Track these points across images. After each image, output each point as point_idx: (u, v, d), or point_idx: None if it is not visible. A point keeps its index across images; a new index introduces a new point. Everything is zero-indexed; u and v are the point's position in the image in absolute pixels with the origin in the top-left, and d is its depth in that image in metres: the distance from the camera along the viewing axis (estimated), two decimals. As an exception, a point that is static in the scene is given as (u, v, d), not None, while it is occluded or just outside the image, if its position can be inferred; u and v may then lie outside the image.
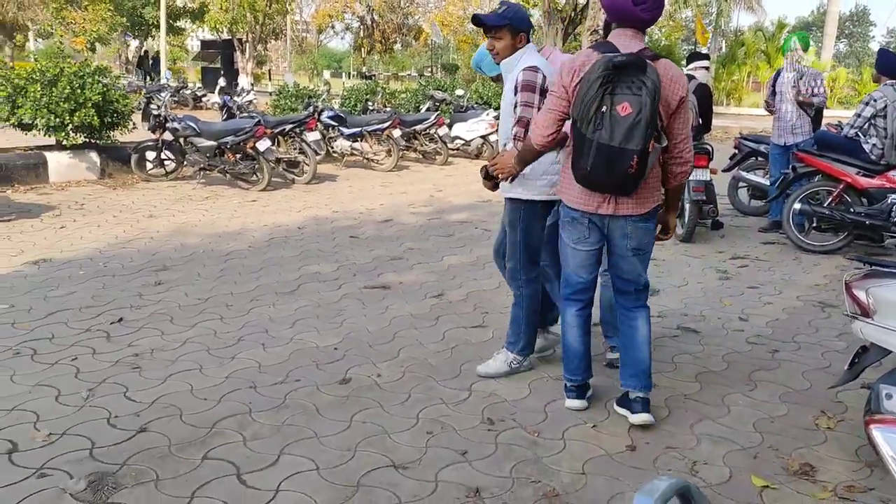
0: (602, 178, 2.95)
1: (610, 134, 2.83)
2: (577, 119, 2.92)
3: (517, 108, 3.38)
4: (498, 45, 3.50)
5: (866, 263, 3.31)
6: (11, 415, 3.25)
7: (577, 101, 2.92)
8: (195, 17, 35.02)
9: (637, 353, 3.29)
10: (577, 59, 3.02)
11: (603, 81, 2.83)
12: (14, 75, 9.34)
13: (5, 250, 6.09)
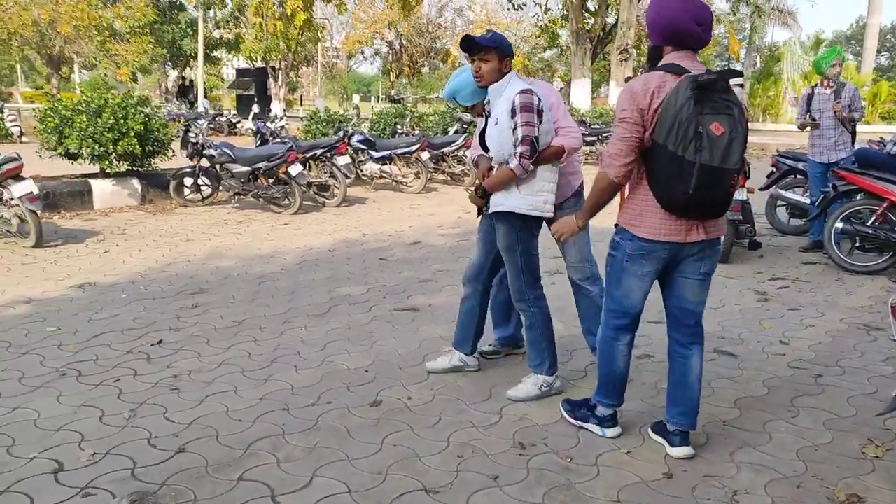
0: (706, 200, 2.82)
1: (710, 154, 2.72)
2: (666, 142, 2.77)
3: (518, 130, 3.41)
4: (485, 68, 3.54)
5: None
6: (58, 435, 3.37)
7: (664, 123, 2.77)
8: (231, 48, 35.84)
9: (690, 392, 3.18)
10: (651, 82, 2.84)
11: (695, 101, 2.73)
12: (61, 106, 9.67)
13: (53, 274, 6.29)
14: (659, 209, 2.91)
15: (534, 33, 30.32)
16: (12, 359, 4.31)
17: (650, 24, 2.96)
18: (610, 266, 3.15)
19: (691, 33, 2.89)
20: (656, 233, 2.95)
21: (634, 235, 2.99)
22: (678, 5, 2.87)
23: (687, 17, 2.86)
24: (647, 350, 4.54)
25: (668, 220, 2.92)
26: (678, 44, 2.93)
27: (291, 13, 22.44)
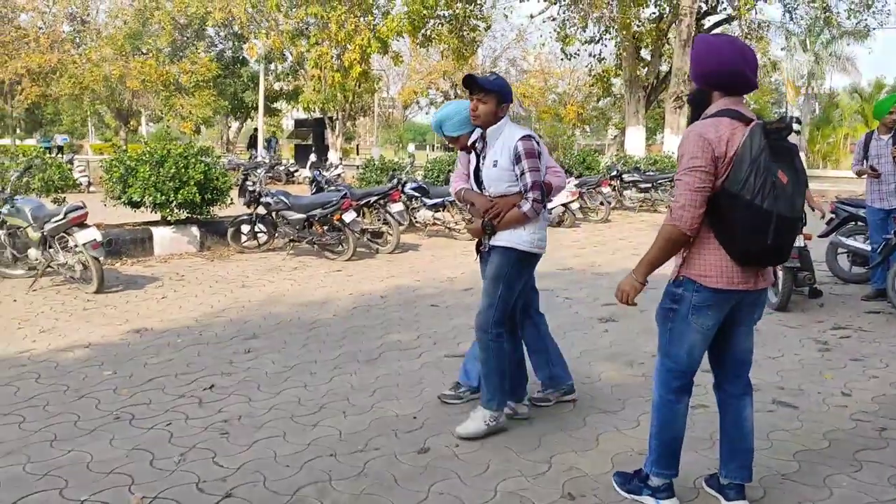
0: (780, 249, 2.78)
1: (785, 204, 2.69)
2: (742, 191, 2.68)
3: (527, 175, 3.60)
4: (482, 109, 3.66)
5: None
6: (109, 478, 3.41)
7: (740, 171, 2.69)
8: (290, 99, 36.93)
9: (746, 444, 3.09)
10: (721, 130, 2.76)
11: (769, 149, 2.69)
12: (126, 157, 10.06)
13: (112, 319, 6.46)
14: (727, 258, 2.82)
15: (587, 82, 30.48)
16: (69, 402, 4.41)
17: (699, 69, 2.90)
18: (670, 322, 2.98)
19: (746, 79, 2.85)
20: (729, 282, 2.84)
21: (703, 286, 2.86)
22: (733, 51, 2.83)
23: (742, 62, 2.82)
24: (701, 400, 4.40)
25: (738, 269, 2.83)
26: (729, 89, 2.87)
27: (349, 65, 23.05)
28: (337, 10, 22.57)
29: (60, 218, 7.52)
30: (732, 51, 2.83)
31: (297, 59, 26.34)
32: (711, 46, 2.88)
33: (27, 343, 5.70)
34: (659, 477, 3.10)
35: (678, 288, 2.94)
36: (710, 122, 2.80)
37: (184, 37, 33.36)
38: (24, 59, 27.92)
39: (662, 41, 23.39)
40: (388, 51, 24.45)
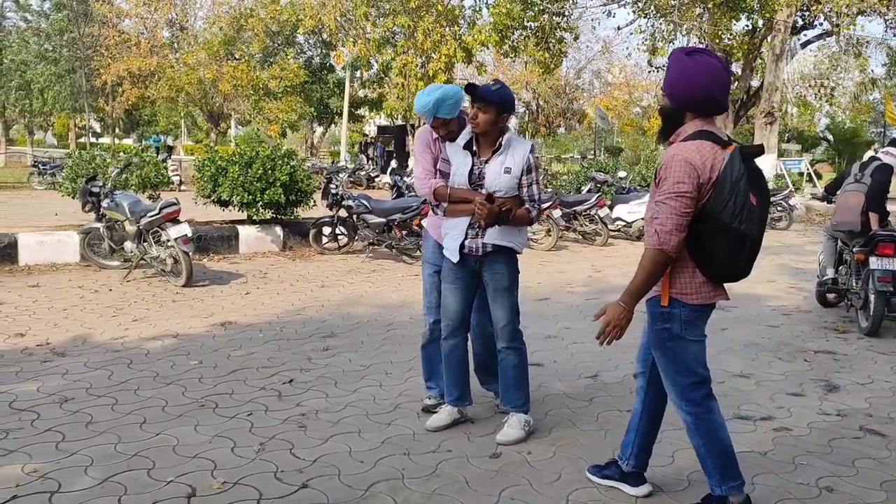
0: (748, 268, 2.94)
1: (755, 226, 2.82)
2: (721, 214, 2.76)
3: (534, 186, 3.82)
4: (482, 118, 3.71)
5: None
6: (193, 461, 3.56)
7: (722, 194, 2.76)
8: (373, 106, 37.49)
9: (656, 437, 3.35)
10: (705, 155, 2.79)
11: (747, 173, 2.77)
12: (217, 157, 10.45)
13: (199, 312, 6.72)
14: (700, 276, 2.92)
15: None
16: (158, 388, 4.62)
17: (672, 89, 2.92)
18: (667, 341, 2.98)
19: (717, 103, 2.90)
20: (706, 297, 2.96)
21: (686, 304, 2.93)
22: (706, 74, 2.84)
23: (716, 86, 2.86)
24: (784, 423, 4.27)
25: (710, 285, 2.96)
26: (701, 110, 2.92)
27: (433, 74, 23.29)
28: (424, 20, 22.84)
29: (155, 213, 7.88)
30: (707, 74, 2.84)
31: (382, 67, 26.77)
32: (686, 67, 2.87)
33: (120, 331, 6.00)
34: (734, 492, 3.03)
35: (664, 308, 2.97)
36: (694, 147, 2.82)
37: (275, 43, 34.32)
38: (125, 62, 29.34)
39: (754, 55, 22.73)
40: (472, 60, 24.59)
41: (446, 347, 4.02)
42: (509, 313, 3.86)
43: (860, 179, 6.83)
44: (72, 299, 7.14)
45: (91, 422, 4.04)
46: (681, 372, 3.00)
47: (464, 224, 3.80)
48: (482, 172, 3.79)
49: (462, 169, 3.82)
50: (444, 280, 3.96)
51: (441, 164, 3.95)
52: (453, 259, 3.86)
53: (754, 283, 8.98)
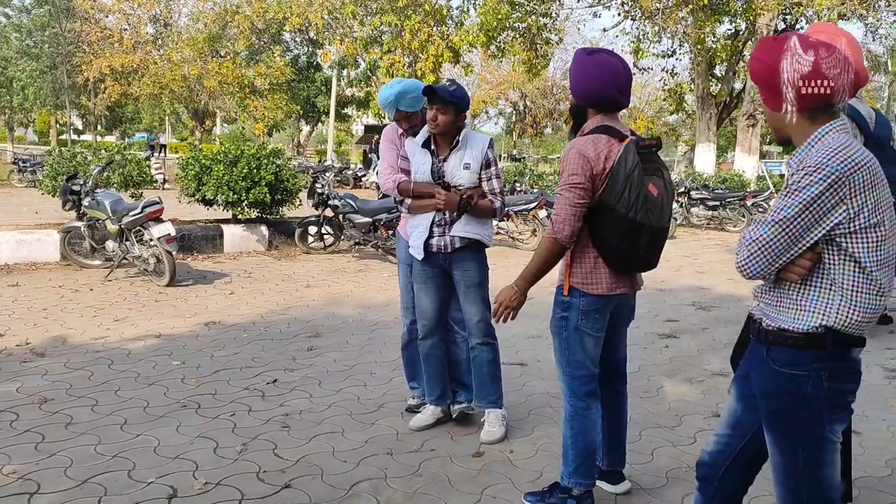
0: (650, 258, 2.97)
1: (655, 216, 2.87)
2: (617, 205, 2.81)
3: (493, 181, 3.83)
4: (441, 119, 3.74)
5: None
6: (174, 462, 3.55)
7: (616, 186, 2.82)
8: (360, 105, 37.47)
9: (625, 433, 3.37)
10: (599, 147, 2.87)
11: (641, 165, 2.84)
12: (201, 156, 10.41)
13: (182, 312, 6.70)
14: (604, 266, 2.98)
15: (659, 97, 30.04)
16: (140, 388, 4.60)
17: (574, 87, 3.02)
18: (565, 331, 3.07)
19: (615, 100, 2.96)
20: (608, 288, 3.00)
21: (587, 293, 3.00)
22: (602, 72, 2.92)
23: (612, 84, 2.92)
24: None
25: (615, 275, 3.00)
26: (601, 107, 2.99)
27: (421, 74, 23.30)
28: (411, 19, 22.85)
29: (138, 212, 7.84)
30: (606, 72, 2.92)
31: (369, 66, 26.76)
32: (587, 66, 2.95)
33: (101, 331, 5.96)
34: (580, 487, 3.11)
35: (565, 297, 3.05)
36: (589, 140, 2.91)
37: (261, 41, 34.21)
38: (108, 58, 29.14)
39: (737, 58, 22.90)
40: (459, 60, 24.62)
41: (424, 348, 4.03)
42: (483, 308, 3.88)
43: None
44: (52, 299, 7.09)
45: (71, 423, 4.02)
46: (571, 363, 3.08)
47: (427, 221, 3.82)
48: (441, 170, 3.83)
49: (422, 167, 3.85)
50: (415, 281, 3.98)
51: (401, 161, 3.97)
52: (418, 256, 3.88)
53: (736, 284, 9.06)
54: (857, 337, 2.03)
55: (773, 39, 2.10)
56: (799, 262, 2.03)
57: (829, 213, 1.95)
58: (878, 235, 1.97)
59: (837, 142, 1.99)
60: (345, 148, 50.52)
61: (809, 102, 2.02)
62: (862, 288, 1.99)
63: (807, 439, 2.08)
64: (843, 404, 2.07)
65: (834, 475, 2.10)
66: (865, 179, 1.95)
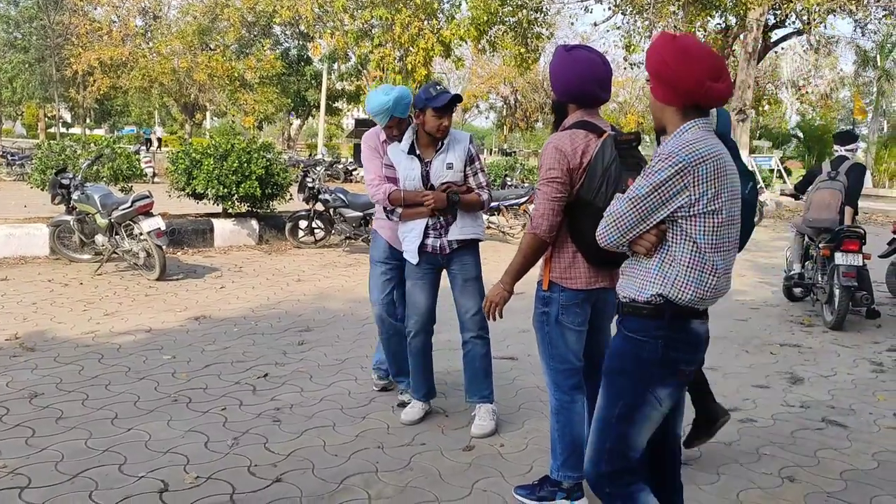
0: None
1: None
2: (595, 199, 2.81)
3: (479, 175, 3.92)
4: (447, 123, 3.82)
5: None
6: (165, 457, 3.56)
7: (594, 181, 2.83)
8: (351, 99, 37.37)
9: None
10: (577, 142, 2.90)
11: (619, 160, 2.84)
12: (192, 150, 10.37)
13: (172, 306, 6.69)
14: (583, 261, 2.99)
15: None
16: (130, 383, 4.60)
17: (554, 83, 3.05)
18: (546, 325, 3.09)
19: (595, 95, 2.99)
20: (587, 282, 3.02)
21: (566, 288, 3.02)
22: (582, 68, 2.94)
23: (591, 79, 2.95)
24: (749, 414, 4.37)
25: (594, 270, 3.01)
26: (581, 102, 3.01)
27: (411, 68, 23.25)
28: (402, 13, 22.79)
29: (127, 206, 7.81)
30: (585, 68, 2.95)
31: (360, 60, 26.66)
32: (566, 62, 2.97)
33: (91, 325, 5.95)
34: (569, 479, 3.14)
35: (545, 292, 3.07)
36: (566, 135, 2.95)
37: (251, 34, 34.03)
38: (96, 51, 28.92)
39: (727, 53, 22.97)
40: (450, 54, 24.58)
41: (416, 343, 4.06)
42: (479, 301, 3.91)
43: (834, 177, 6.92)
44: (41, 293, 7.06)
45: (61, 417, 4.02)
46: (554, 357, 3.11)
47: (421, 226, 3.87)
48: (427, 173, 3.88)
49: (412, 173, 3.88)
50: (409, 277, 4.00)
51: (385, 169, 3.98)
52: (413, 261, 3.92)
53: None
54: (693, 309, 2.26)
55: (673, 38, 2.28)
56: (646, 237, 2.26)
57: (674, 196, 2.18)
58: (714, 221, 2.19)
59: (694, 136, 2.21)
60: (335, 142, 50.36)
61: (685, 100, 2.24)
62: (697, 266, 2.21)
63: (629, 395, 2.29)
64: (673, 372, 2.27)
65: (638, 436, 2.31)
66: (708, 171, 2.17)
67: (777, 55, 28.54)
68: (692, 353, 2.28)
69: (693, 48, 2.22)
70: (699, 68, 2.19)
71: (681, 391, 2.33)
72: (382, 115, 3.98)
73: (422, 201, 3.81)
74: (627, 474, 2.33)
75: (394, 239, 4.12)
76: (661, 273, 2.24)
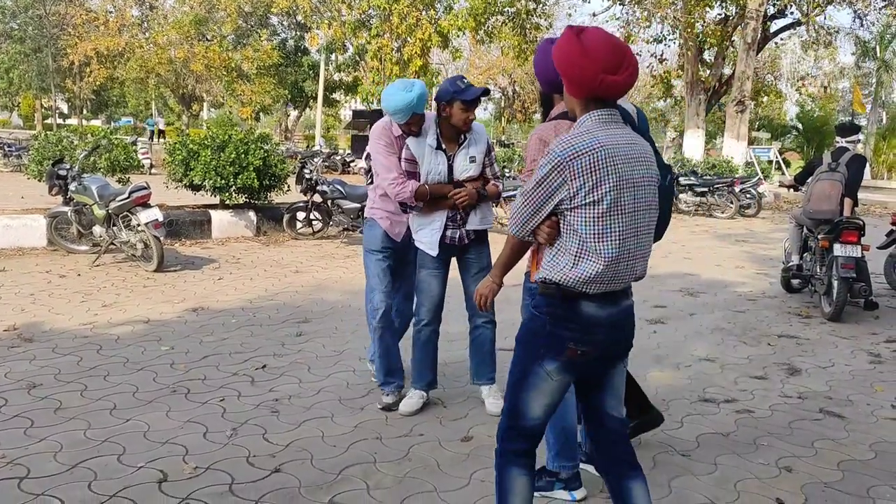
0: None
1: None
2: None
3: (494, 165, 4.09)
4: (474, 115, 3.89)
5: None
6: (164, 447, 3.56)
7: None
8: (349, 90, 37.28)
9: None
10: (561, 131, 2.83)
11: None
12: (189, 141, 10.34)
13: (170, 297, 6.69)
14: None
15: (648, 83, 30.06)
16: (129, 374, 4.60)
17: (539, 74, 3.06)
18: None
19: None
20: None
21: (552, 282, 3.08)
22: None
23: None
24: (746, 405, 4.38)
25: None
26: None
27: (409, 59, 23.20)
28: (399, 3, 22.72)
29: (125, 197, 7.80)
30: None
31: (357, 51, 26.61)
32: (548, 53, 2.93)
33: (90, 316, 5.95)
34: (566, 469, 3.18)
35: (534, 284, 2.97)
36: (550, 125, 2.96)
37: (248, 24, 33.94)
38: (93, 41, 28.83)
39: (727, 44, 22.94)
40: (448, 45, 24.53)
41: (426, 333, 4.13)
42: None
43: (835, 169, 6.92)
44: (39, 284, 7.06)
45: (60, 408, 4.02)
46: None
47: (442, 218, 3.92)
48: (451, 167, 3.93)
49: (439, 167, 3.91)
50: (424, 267, 4.04)
51: (405, 164, 3.95)
52: (433, 253, 3.96)
53: (723, 270, 9.13)
54: (582, 293, 2.32)
55: (576, 32, 2.31)
56: (542, 228, 2.38)
57: (555, 190, 2.28)
58: (595, 211, 2.26)
59: (585, 128, 2.29)
60: (333, 133, 50.26)
61: (585, 92, 2.31)
62: (582, 254, 2.29)
63: (522, 363, 2.45)
64: (560, 348, 2.35)
65: (531, 403, 2.42)
66: (585, 164, 2.23)
67: (777, 46, 28.48)
68: (582, 333, 2.33)
69: (592, 42, 2.26)
70: (594, 61, 2.24)
71: (577, 370, 2.39)
72: (403, 113, 3.86)
73: (446, 194, 3.87)
74: (519, 438, 2.46)
75: (391, 228, 4.13)
76: (552, 260, 2.36)
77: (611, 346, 2.39)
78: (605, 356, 2.40)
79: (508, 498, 2.46)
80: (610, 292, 2.32)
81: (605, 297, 2.32)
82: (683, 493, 3.27)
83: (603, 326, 2.33)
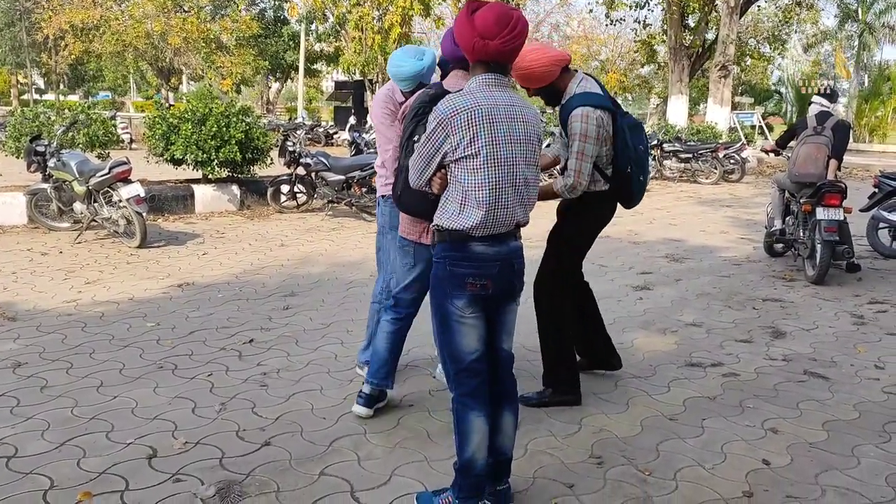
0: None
1: None
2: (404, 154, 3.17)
3: None
4: None
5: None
6: (153, 423, 3.55)
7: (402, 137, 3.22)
8: (330, 60, 36.84)
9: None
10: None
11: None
12: (169, 115, 10.20)
13: (155, 273, 6.64)
14: None
15: (631, 49, 29.90)
16: (114, 351, 4.58)
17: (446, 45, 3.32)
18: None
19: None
20: None
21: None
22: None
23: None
24: (732, 368, 4.43)
25: None
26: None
27: (389, 27, 22.91)
28: (379, -29, 22.39)
29: (105, 173, 7.69)
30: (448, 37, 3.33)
31: (338, 20, 26.22)
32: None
33: (73, 294, 5.89)
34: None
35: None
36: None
37: (225, -5, 33.38)
38: (67, 14, 28.23)
39: (710, 8, 22.80)
40: (430, 13, 24.22)
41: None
42: None
43: (820, 132, 6.92)
44: (21, 262, 6.98)
45: (46, 386, 3.99)
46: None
47: None
48: None
49: None
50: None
51: None
52: None
53: (708, 236, 9.18)
54: (469, 235, 2.58)
55: (469, 4, 2.59)
56: (434, 179, 2.66)
57: (441, 144, 2.56)
58: (473, 164, 2.53)
59: (469, 89, 2.59)
60: (315, 105, 49.78)
61: (471, 56, 2.61)
62: (465, 202, 2.56)
63: (438, 310, 2.69)
64: (461, 284, 2.61)
65: (462, 342, 2.66)
66: (462, 121, 2.51)
67: (759, 9, 28.36)
68: (476, 268, 2.60)
69: (481, 13, 2.53)
70: (473, 27, 2.52)
71: (480, 305, 2.64)
72: (411, 81, 3.70)
73: None
74: (467, 377, 2.68)
75: None
76: (442, 208, 2.63)
77: (503, 282, 2.65)
78: (501, 293, 2.67)
79: (469, 437, 2.67)
80: (496, 234, 2.59)
81: (491, 238, 2.59)
82: (671, 456, 3.31)
83: (493, 262, 2.61)
